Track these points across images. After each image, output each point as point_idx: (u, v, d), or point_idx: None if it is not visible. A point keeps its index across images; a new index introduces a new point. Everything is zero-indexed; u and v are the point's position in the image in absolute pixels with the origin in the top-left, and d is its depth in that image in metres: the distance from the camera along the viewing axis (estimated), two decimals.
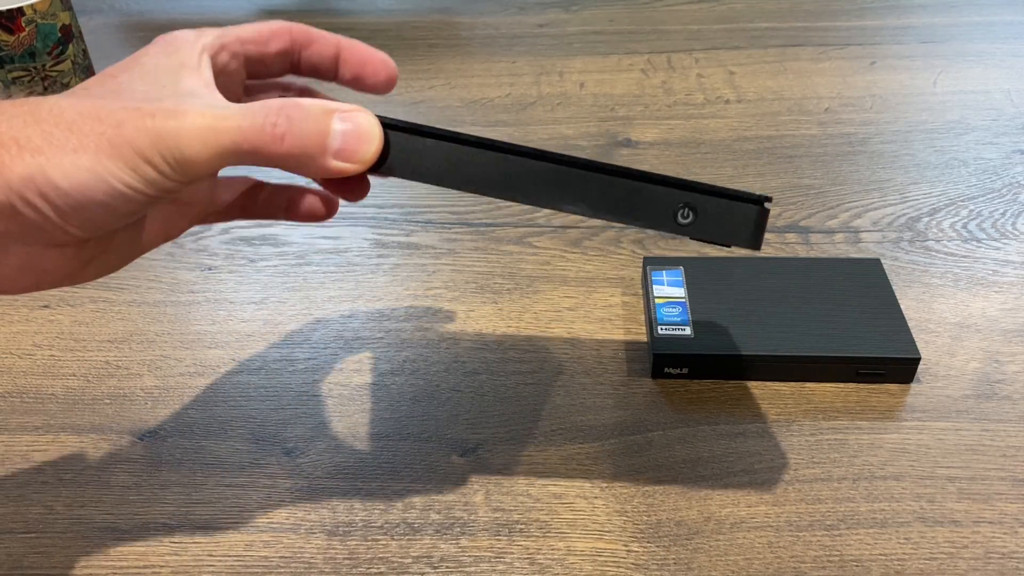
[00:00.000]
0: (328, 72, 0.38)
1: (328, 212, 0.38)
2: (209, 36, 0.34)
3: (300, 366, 0.49)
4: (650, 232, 0.58)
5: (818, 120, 0.70)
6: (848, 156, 0.65)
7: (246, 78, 0.37)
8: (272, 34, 0.37)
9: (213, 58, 0.34)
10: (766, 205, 0.33)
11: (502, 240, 0.58)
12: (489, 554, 0.39)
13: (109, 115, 0.29)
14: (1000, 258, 0.55)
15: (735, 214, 0.33)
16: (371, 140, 0.32)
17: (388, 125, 0.33)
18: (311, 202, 0.38)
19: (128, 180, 0.29)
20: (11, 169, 0.28)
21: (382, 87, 0.37)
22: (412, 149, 0.33)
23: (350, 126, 0.32)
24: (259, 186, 0.39)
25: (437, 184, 0.34)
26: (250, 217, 0.39)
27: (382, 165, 0.33)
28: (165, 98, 0.30)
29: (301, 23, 0.38)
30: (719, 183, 0.62)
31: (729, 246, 0.33)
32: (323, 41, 0.37)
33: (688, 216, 0.33)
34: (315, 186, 0.38)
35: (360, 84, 0.38)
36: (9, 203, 0.28)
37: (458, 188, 0.33)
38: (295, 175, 0.34)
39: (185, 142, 0.29)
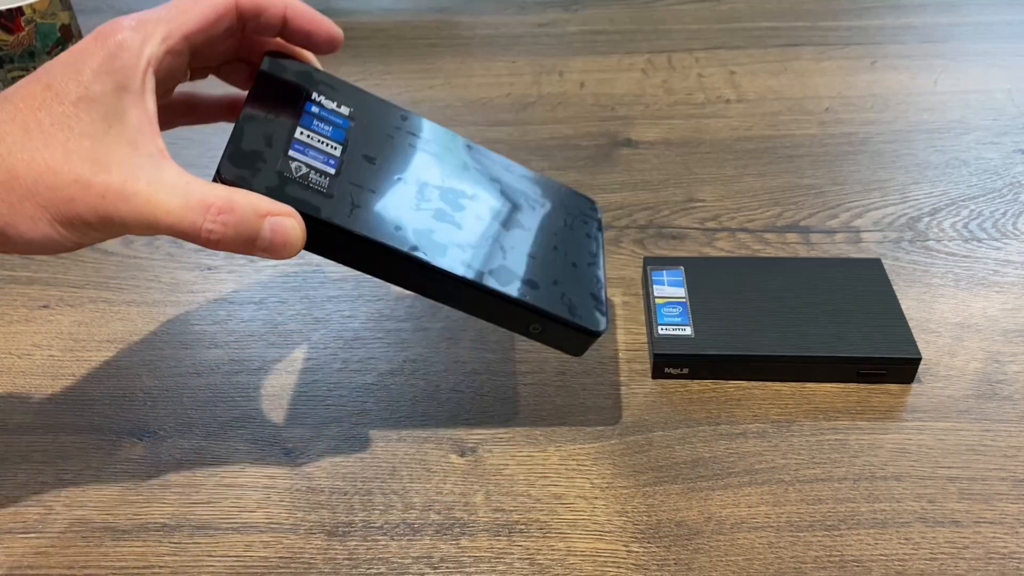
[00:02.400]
0: (274, 33, 0.39)
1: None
2: (154, 43, 0.35)
3: (300, 366, 0.49)
4: (650, 232, 0.58)
5: (818, 120, 0.70)
6: (848, 156, 0.65)
7: (188, 61, 0.37)
8: (219, 16, 0.37)
9: (157, 68, 0.35)
10: (592, 333, 0.41)
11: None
12: (489, 554, 0.39)
13: (62, 187, 0.33)
14: (1001, 258, 0.55)
15: (572, 335, 0.41)
16: (293, 246, 0.35)
17: (314, 221, 0.36)
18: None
19: (73, 238, 0.34)
20: None
21: (325, 49, 0.40)
22: (336, 241, 0.37)
23: (278, 233, 0.35)
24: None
25: (352, 268, 0.39)
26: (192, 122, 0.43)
27: (309, 247, 0.37)
28: (112, 161, 0.33)
29: None
30: (719, 183, 0.62)
31: (567, 353, 0.42)
32: (271, 11, 0.38)
33: (538, 328, 0.41)
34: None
35: (305, 46, 0.40)
36: None
37: (369, 274, 0.39)
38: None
39: (128, 223, 0.33)
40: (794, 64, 0.78)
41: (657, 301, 0.49)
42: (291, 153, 0.37)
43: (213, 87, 0.43)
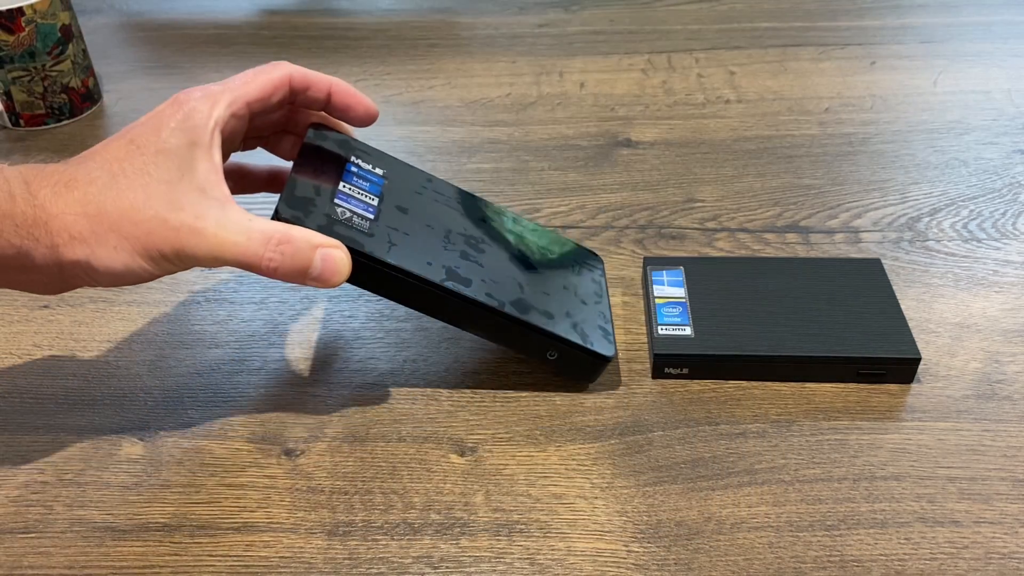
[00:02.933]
0: (318, 107, 0.46)
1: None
2: (221, 107, 0.41)
3: (300, 366, 0.49)
4: (650, 232, 0.58)
5: (818, 120, 0.70)
6: (848, 156, 0.65)
7: (247, 127, 0.44)
8: (275, 88, 0.43)
9: (223, 129, 0.41)
10: (603, 359, 0.45)
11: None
12: (489, 554, 0.39)
13: (143, 222, 0.38)
14: (1000, 258, 0.55)
15: (584, 360, 0.45)
16: (341, 274, 0.40)
17: (357, 255, 0.41)
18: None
19: (150, 270, 0.39)
20: (64, 255, 0.38)
21: (362, 123, 0.46)
22: (376, 274, 0.43)
23: (328, 262, 0.40)
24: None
25: (388, 298, 0.44)
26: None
27: (352, 280, 0.42)
28: (185, 202, 0.39)
29: (302, 68, 0.44)
30: (719, 183, 0.62)
31: (578, 381, 0.47)
32: (317, 86, 0.45)
33: (554, 355, 0.45)
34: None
35: (344, 119, 0.47)
36: (59, 273, 0.39)
37: (404, 304, 0.44)
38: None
39: (199, 256, 0.39)
40: (794, 64, 0.78)
41: (657, 301, 0.49)
42: (336, 200, 0.43)
43: (259, 159, 0.49)
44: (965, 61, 0.77)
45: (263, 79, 0.43)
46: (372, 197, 0.45)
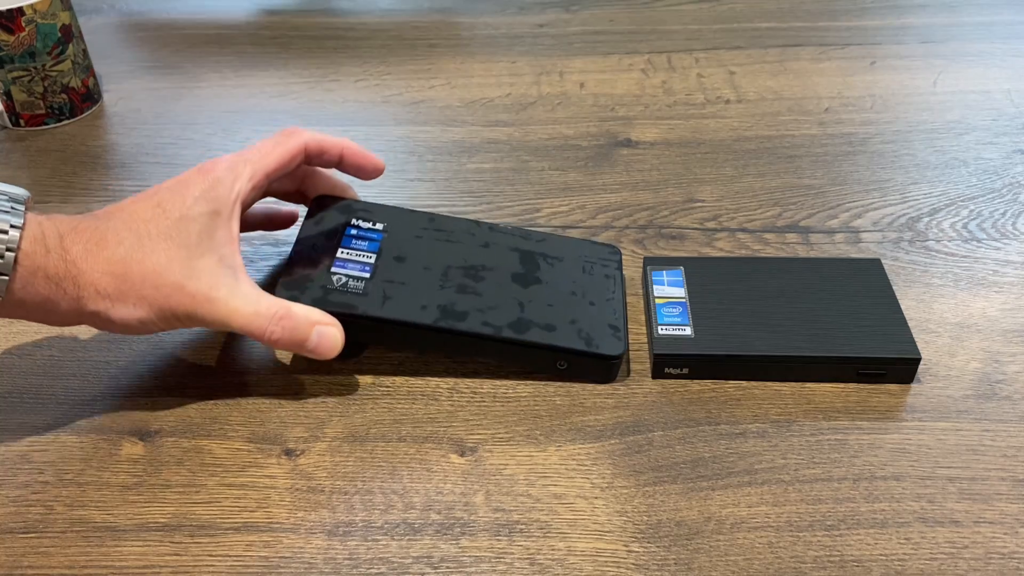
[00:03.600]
0: (331, 166, 0.50)
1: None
2: (243, 181, 0.45)
3: (300, 366, 0.49)
4: (650, 232, 0.58)
5: (818, 120, 0.70)
6: (848, 156, 0.65)
7: (265, 191, 0.48)
8: (292, 158, 0.47)
9: (243, 200, 0.45)
10: (611, 358, 0.46)
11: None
12: (489, 554, 0.39)
13: (163, 286, 0.42)
14: (1000, 258, 0.55)
15: (595, 364, 0.46)
16: (335, 350, 0.45)
17: (352, 317, 0.46)
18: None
19: (160, 326, 0.43)
20: (86, 305, 0.41)
21: (371, 178, 0.51)
22: (373, 329, 0.46)
23: (323, 337, 0.44)
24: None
25: (393, 349, 0.49)
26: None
27: (352, 338, 0.46)
28: (202, 270, 0.42)
29: (316, 133, 0.48)
30: (719, 183, 0.62)
31: (599, 382, 0.47)
32: (331, 152, 0.49)
33: (564, 365, 0.47)
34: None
35: (355, 175, 0.51)
36: (77, 318, 0.42)
37: (410, 351, 0.49)
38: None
39: (208, 321, 0.43)
40: (794, 64, 0.78)
41: (657, 301, 0.49)
42: (333, 269, 0.48)
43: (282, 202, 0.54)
44: (965, 61, 0.77)
45: (281, 151, 0.46)
46: (370, 255, 0.49)
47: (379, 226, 0.50)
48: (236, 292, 0.43)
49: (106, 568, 0.39)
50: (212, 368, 0.49)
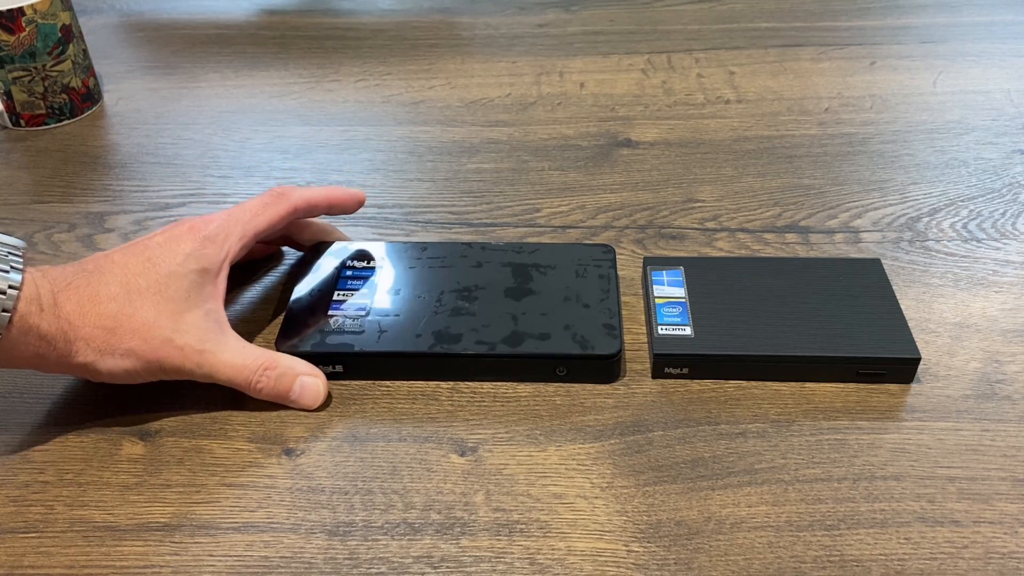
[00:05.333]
0: (318, 215, 0.52)
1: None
2: (232, 241, 0.46)
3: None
4: (650, 232, 0.58)
5: (818, 120, 0.70)
6: (848, 156, 0.65)
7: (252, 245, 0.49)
8: (281, 220, 0.49)
9: (232, 258, 0.46)
10: (608, 357, 0.46)
11: (502, 240, 0.58)
12: (489, 554, 0.39)
13: (151, 339, 0.43)
14: (1000, 258, 0.55)
15: (593, 365, 0.47)
16: (317, 401, 0.46)
17: (350, 355, 0.47)
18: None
19: (144, 376, 0.44)
20: (75, 358, 0.42)
21: (353, 211, 0.53)
22: (368, 363, 0.47)
23: (306, 388, 0.46)
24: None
25: (394, 379, 0.48)
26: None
27: (353, 375, 0.48)
28: (190, 325, 0.44)
29: (303, 192, 0.50)
30: (719, 183, 0.62)
31: (602, 383, 0.47)
32: (320, 207, 0.51)
33: (563, 370, 0.47)
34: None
35: (339, 213, 0.53)
36: (64, 369, 0.43)
37: (411, 380, 0.48)
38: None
39: (196, 374, 0.44)
40: (793, 64, 0.78)
41: (657, 301, 0.49)
42: (330, 312, 0.49)
43: None
44: (965, 61, 0.77)
45: (271, 213, 0.48)
46: (365, 294, 0.50)
47: (373, 264, 0.52)
48: (223, 345, 0.44)
49: (106, 568, 0.39)
50: None
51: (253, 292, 0.54)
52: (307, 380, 0.46)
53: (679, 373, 0.47)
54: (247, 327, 0.52)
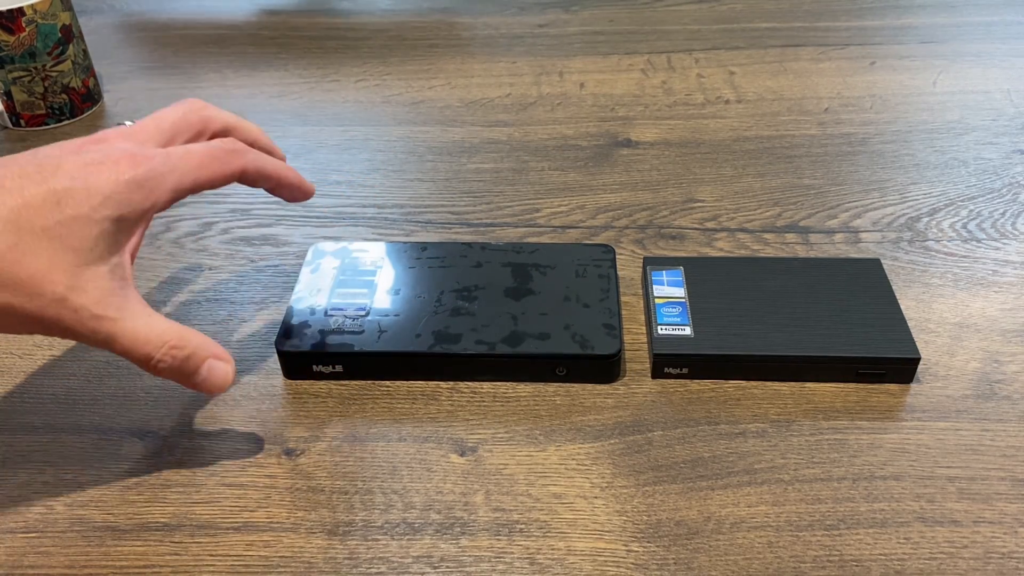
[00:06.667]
0: (266, 189, 0.45)
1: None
2: (164, 189, 0.38)
3: None
4: (650, 232, 0.58)
5: (818, 120, 0.70)
6: (848, 156, 0.65)
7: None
8: (225, 180, 0.41)
9: (160, 209, 0.39)
10: (607, 357, 0.46)
11: (502, 240, 0.58)
12: (489, 554, 0.39)
13: (39, 296, 0.35)
14: (1000, 258, 0.55)
15: (592, 365, 0.46)
16: (222, 388, 0.41)
17: (350, 355, 0.47)
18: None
19: (19, 331, 0.37)
20: None
21: (300, 200, 0.47)
22: (372, 363, 0.47)
23: (213, 371, 0.40)
24: None
25: (396, 379, 0.48)
26: None
27: (353, 375, 0.48)
28: (89, 282, 0.36)
29: (257, 156, 0.43)
30: (719, 183, 0.62)
31: (602, 383, 0.47)
32: (268, 179, 0.44)
33: (563, 371, 0.47)
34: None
35: (286, 198, 0.46)
36: None
37: (412, 380, 0.48)
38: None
39: (88, 340, 0.37)
40: (793, 64, 0.78)
41: (657, 301, 0.49)
42: (330, 312, 0.49)
43: None
44: (965, 61, 0.77)
45: (217, 170, 0.40)
46: (365, 294, 0.50)
47: (372, 264, 0.52)
48: (125, 311, 0.37)
49: (106, 568, 0.39)
50: None
51: (252, 292, 0.54)
52: (215, 364, 0.40)
53: (679, 373, 0.47)
54: (246, 327, 0.52)
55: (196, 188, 0.40)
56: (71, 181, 0.36)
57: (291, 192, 0.45)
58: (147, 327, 0.38)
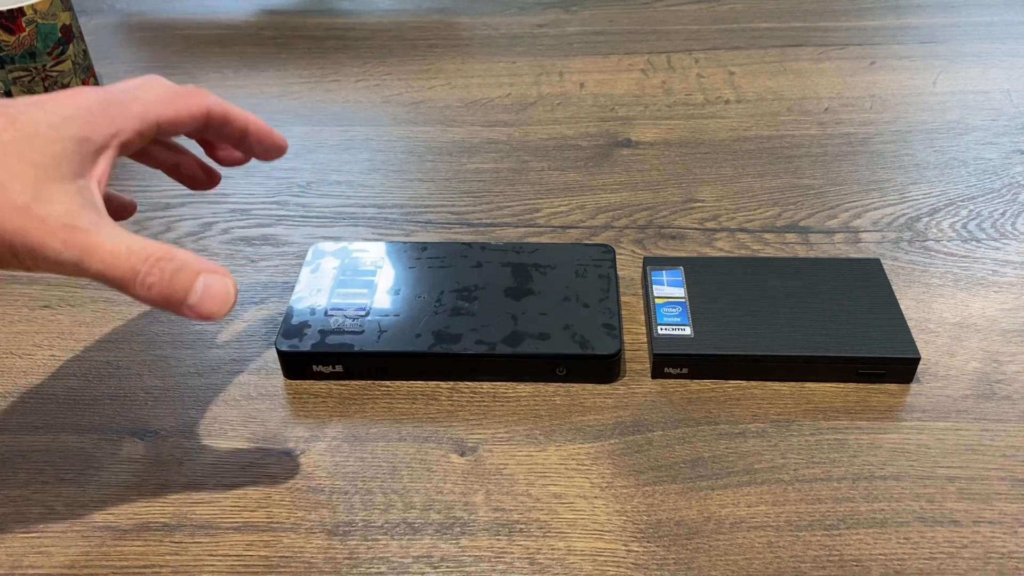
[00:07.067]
0: (231, 142, 0.42)
1: (209, 182, 0.45)
2: (130, 120, 0.36)
3: None
4: (649, 232, 0.58)
5: (818, 120, 0.70)
6: (848, 156, 0.65)
7: (149, 141, 0.38)
8: (191, 117, 0.38)
9: (124, 143, 0.36)
10: (606, 357, 0.46)
11: (502, 240, 0.58)
12: (489, 554, 0.39)
13: (2, 203, 0.31)
14: (1000, 258, 0.55)
15: (592, 365, 0.46)
16: (224, 306, 0.35)
17: (350, 355, 0.47)
18: (192, 169, 0.44)
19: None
20: None
21: (274, 156, 0.43)
22: (372, 363, 0.47)
23: (211, 290, 0.35)
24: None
25: (395, 379, 0.48)
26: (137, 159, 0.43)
27: (354, 375, 0.48)
28: (55, 195, 0.32)
29: (222, 100, 0.40)
30: (719, 183, 0.62)
31: (602, 383, 0.47)
32: (235, 123, 0.40)
33: (563, 371, 0.47)
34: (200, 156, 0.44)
35: (255, 155, 0.43)
36: None
37: (412, 380, 0.48)
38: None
39: (62, 261, 0.32)
40: (793, 64, 0.78)
41: (656, 301, 0.49)
42: (330, 312, 0.49)
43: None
44: (965, 61, 0.77)
45: (181, 105, 0.38)
46: (365, 294, 0.50)
47: (372, 265, 0.52)
48: (101, 225, 0.33)
49: (106, 568, 0.39)
50: (212, 368, 0.49)
51: (252, 292, 0.54)
52: (212, 279, 0.35)
53: (679, 373, 0.47)
54: (246, 327, 0.52)
55: (162, 124, 0.37)
56: (28, 108, 0.34)
57: (260, 143, 0.42)
58: (128, 239, 0.34)
